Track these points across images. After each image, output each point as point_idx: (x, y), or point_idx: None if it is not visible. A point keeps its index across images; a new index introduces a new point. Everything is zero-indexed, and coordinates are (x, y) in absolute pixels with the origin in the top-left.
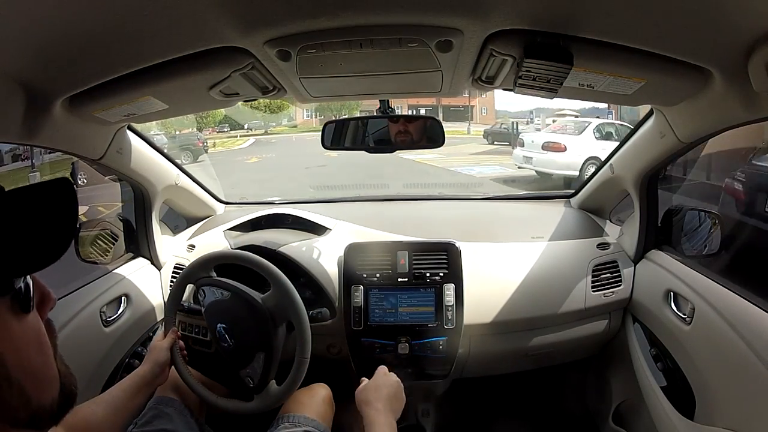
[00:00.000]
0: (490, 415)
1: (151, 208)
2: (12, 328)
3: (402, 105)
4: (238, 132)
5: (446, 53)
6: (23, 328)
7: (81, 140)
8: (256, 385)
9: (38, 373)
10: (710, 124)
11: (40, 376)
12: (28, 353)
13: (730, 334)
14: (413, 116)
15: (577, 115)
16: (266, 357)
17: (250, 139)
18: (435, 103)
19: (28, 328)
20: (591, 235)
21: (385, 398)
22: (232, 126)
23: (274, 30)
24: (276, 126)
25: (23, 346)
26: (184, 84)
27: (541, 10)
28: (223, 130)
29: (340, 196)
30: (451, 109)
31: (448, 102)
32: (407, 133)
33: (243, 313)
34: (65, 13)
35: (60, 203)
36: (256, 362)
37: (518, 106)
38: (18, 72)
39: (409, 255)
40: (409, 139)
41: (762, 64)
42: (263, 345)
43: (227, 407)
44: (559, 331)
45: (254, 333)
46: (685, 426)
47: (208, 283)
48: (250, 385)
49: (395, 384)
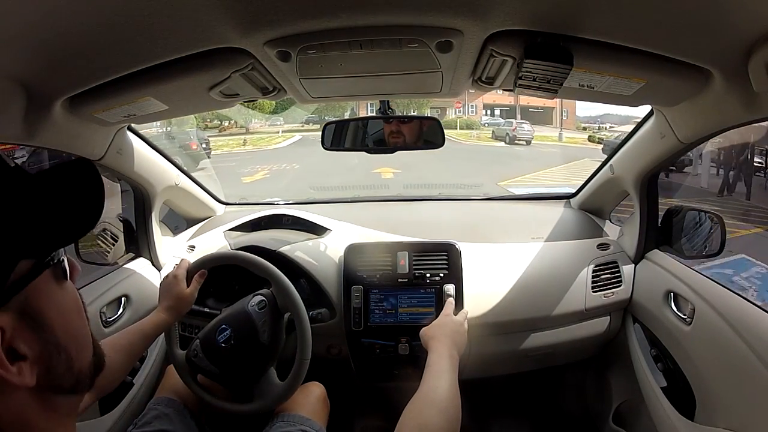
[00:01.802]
0: (491, 415)
1: (151, 209)
2: (58, 297)
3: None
4: (279, 127)
5: (446, 54)
6: (66, 295)
7: (81, 140)
8: (256, 386)
9: (79, 337)
10: (710, 124)
11: (80, 340)
12: (72, 318)
13: (730, 334)
14: (413, 117)
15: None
16: (266, 358)
17: (295, 135)
18: (512, 103)
19: (69, 294)
20: (591, 236)
21: (449, 333)
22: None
23: (274, 30)
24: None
25: (67, 312)
26: (184, 84)
27: (541, 11)
28: (276, 124)
29: (340, 197)
30: (530, 110)
31: (527, 102)
32: (405, 134)
33: (243, 317)
34: (65, 13)
35: (85, 179)
36: (256, 363)
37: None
38: (18, 72)
39: (409, 255)
40: (405, 140)
41: (762, 64)
42: (263, 346)
43: (226, 408)
44: (559, 332)
45: (255, 335)
46: (685, 426)
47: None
48: (249, 386)
49: (458, 323)
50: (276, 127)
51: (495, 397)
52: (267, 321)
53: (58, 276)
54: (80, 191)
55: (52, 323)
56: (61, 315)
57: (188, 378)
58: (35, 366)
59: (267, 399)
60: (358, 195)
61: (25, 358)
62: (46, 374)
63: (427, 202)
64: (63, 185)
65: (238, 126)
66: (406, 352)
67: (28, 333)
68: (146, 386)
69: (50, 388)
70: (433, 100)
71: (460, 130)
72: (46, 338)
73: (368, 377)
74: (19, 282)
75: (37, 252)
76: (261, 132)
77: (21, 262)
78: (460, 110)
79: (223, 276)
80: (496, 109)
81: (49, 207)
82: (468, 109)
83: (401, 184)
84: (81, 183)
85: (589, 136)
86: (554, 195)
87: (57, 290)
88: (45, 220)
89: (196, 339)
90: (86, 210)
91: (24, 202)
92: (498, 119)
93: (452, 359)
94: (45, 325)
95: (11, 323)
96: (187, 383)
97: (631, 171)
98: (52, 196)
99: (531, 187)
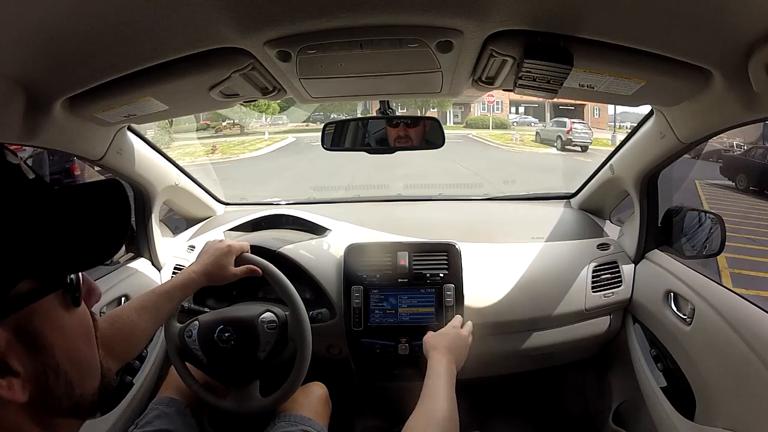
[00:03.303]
0: (491, 415)
1: (152, 209)
2: (63, 321)
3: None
4: (282, 126)
5: (446, 54)
6: (73, 320)
7: (81, 141)
8: (235, 390)
9: (84, 364)
10: (710, 124)
11: (85, 368)
12: (77, 344)
13: (730, 334)
14: (413, 117)
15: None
16: (256, 372)
17: (288, 137)
18: (541, 100)
19: (78, 320)
20: (591, 236)
21: (452, 346)
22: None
23: (274, 31)
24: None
25: (72, 338)
26: (185, 85)
27: (541, 11)
28: (277, 123)
29: (341, 197)
30: (560, 108)
31: (557, 99)
32: (407, 137)
33: (250, 328)
34: (65, 13)
35: (112, 202)
36: (244, 372)
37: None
38: (18, 72)
39: (409, 255)
40: (409, 141)
41: (762, 64)
42: (258, 361)
43: (227, 408)
44: (559, 332)
45: (254, 349)
46: (685, 426)
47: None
48: (228, 387)
49: (460, 335)
50: (278, 126)
51: (495, 397)
52: (270, 342)
53: (68, 301)
54: (103, 214)
55: (52, 346)
56: (65, 340)
57: (174, 352)
58: (28, 384)
59: (267, 399)
60: (358, 195)
61: (18, 374)
62: (41, 394)
63: (427, 202)
64: (85, 205)
65: (233, 126)
66: (406, 352)
67: (22, 351)
68: (146, 386)
69: (45, 408)
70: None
71: (494, 130)
72: (43, 360)
73: (368, 377)
74: (17, 300)
75: (42, 274)
76: (258, 132)
77: (23, 282)
78: (484, 107)
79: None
80: (521, 106)
81: (65, 227)
82: (493, 105)
83: (402, 184)
84: (105, 205)
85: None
86: (554, 195)
87: (63, 314)
88: (57, 240)
89: (195, 320)
90: (106, 236)
91: (37, 218)
92: (528, 117)
93: (450, 374)
94: (43, 347)
95: (6, 338)
96: (172, 357)
97: (631, 171)
98: (71, 216)
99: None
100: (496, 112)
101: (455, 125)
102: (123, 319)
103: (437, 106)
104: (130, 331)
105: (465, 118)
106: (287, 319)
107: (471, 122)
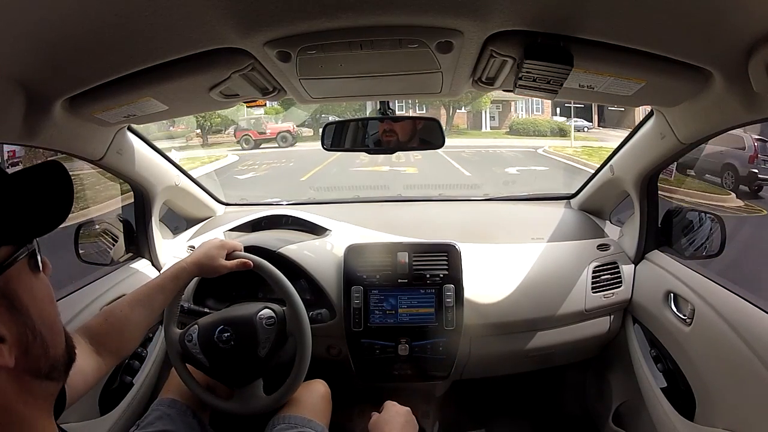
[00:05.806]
0: (491, 415)
1: (151, 209)
2: (32, 284)
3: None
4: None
5: (446, 54)
6: (40, 284)
7: (81, 141)
8: (238, 390)
9: (53, 324)
10: (711, 124)
11: (54, 328)
12: (45, 305)
13: (730, 335)
14: (413, 117)
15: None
16: (258, 371)
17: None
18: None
19: (42, 284)
20: (591, 236)
21: (400, 428)
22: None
23: (273, 31)
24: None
25: (41, 300)
26: (185, 85)
27: (541, 12)
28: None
29: (340, 197)
30: (609, 109)
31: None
32: (392, 131)
33: (249, 326)
34: (65, 13)
35: (58, 178)
36: (246, 371)
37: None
38: (18, 73)
39: (409, 256)
40: (394, 135)
41: (762, 65)
42: (259, 359)
43: (231, 410)
44: (560, 332)
45: (254, 347)
46: (685, 427)
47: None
48: (232, 388)
49: (406, 413)
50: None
51: (495, 397)
52: (270, 339)
53: (33, 266)
54: (54, 188)
55: (27, 308)
56: (36, 301)
57: (176, 357)
58: (14, 348)
59: (267, 400)
60: (358, 195)
61: (4, 339)
62: (24, 357)
63: (427, 203)
64: (38, 183)
65: (197, 136)
66: (406, 353)
67: (6, 315)
68: (146, 386)
69: (28, 372)
70: (491, 95)
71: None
72: (24, 321)
73: (368, 377)
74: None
75: (16, 240)
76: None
77: (1, 248)
78: (524, 106)
79: (226, 278)
80: (559, 106)
81: (27, 201)
82: (532, 106)
83: (402, 185)
84: (54, 181)
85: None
86: (554, 195)
87: (32, 278)
88: (22, 212)
89: (195, 324)
90: (59, 204)
91: (3, 196)
92: (580, 120)
93: None
94: (21, 309)
95: None
96: (174, 362)
97: (631, 171)
98: (30, 192)
99: None
100: (536, 113)
101: (492, 131)
102: (116, 313)
103: (470, 104)
104: (123, 326)
105: (504, 121)
106: (285, 315)
107: (517, 126)
